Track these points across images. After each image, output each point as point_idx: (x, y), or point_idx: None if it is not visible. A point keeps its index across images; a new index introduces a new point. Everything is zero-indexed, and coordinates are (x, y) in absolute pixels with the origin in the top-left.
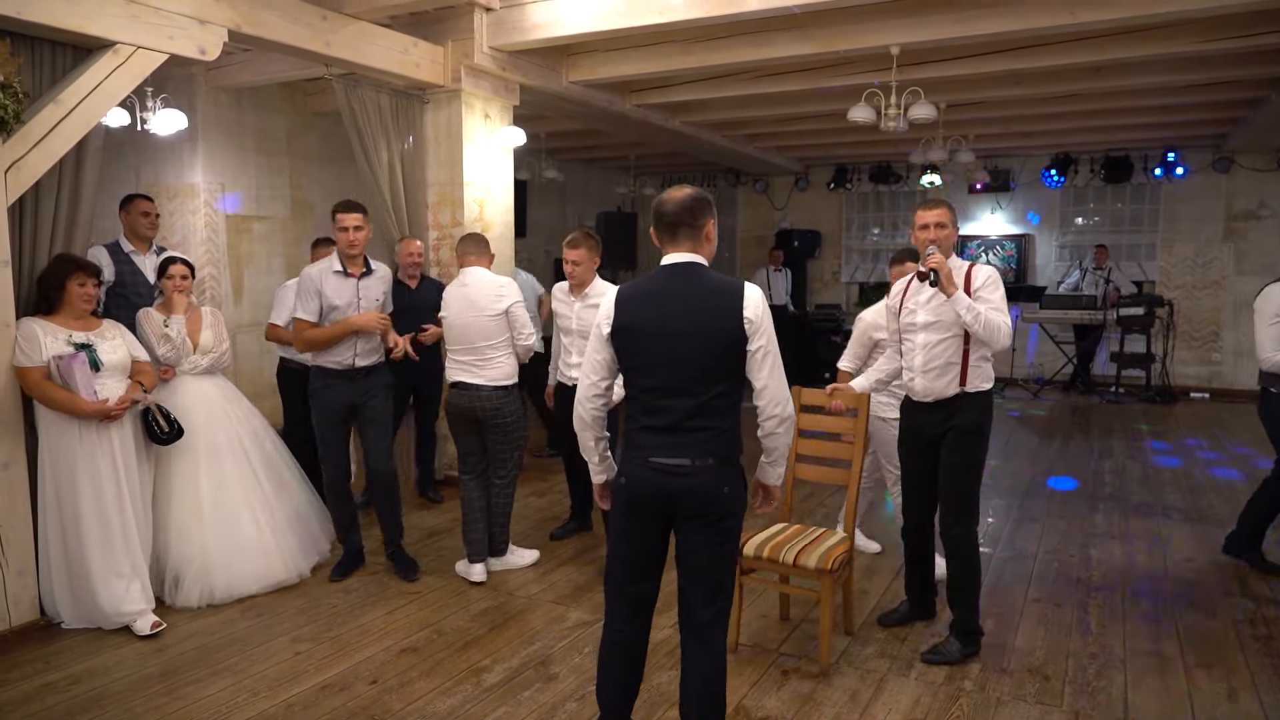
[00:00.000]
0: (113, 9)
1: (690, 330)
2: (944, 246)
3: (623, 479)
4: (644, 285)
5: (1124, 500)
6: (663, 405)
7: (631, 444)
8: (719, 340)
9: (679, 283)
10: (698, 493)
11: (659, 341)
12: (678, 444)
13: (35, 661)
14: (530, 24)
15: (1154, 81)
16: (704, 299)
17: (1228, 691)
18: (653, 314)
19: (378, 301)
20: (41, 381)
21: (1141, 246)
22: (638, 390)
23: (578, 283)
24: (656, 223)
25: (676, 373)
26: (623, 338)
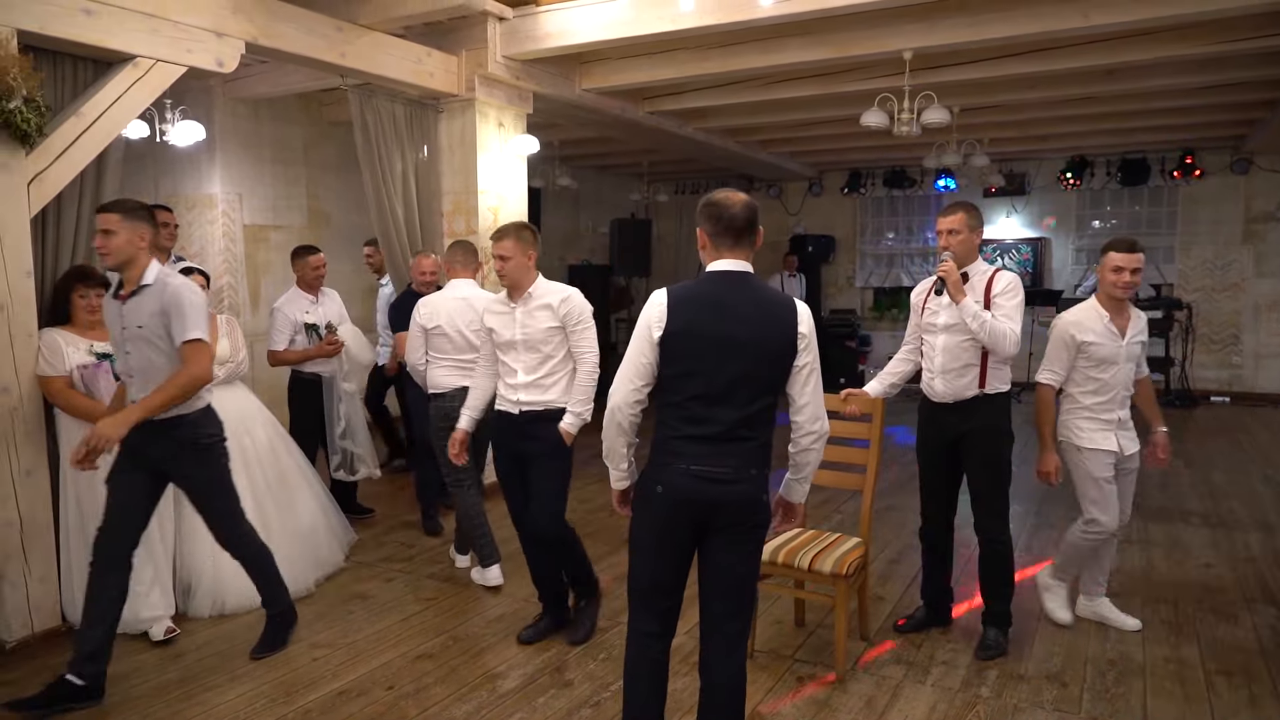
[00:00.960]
0: (133, 23)
1: (747, 340)
2: (959, 252)
3: (659, 487)
4: (699, 289)
5: (1143, 505)
6: (709, 414)
7: (669, 451)
8: (773, 352)
9: (737, 292)
10: (741, 501)
11: (715, 349)
12: (723, 452)
13: (57, 667)
14: (543, 33)
15: (1169, 83)
16: (762, 310)
17: (1249, 698)
18: (710, 320)
19: None
20: (65, 390)
21: (1159, 249)
22: (682, 398)
23: (512, 283)
24: (718, 226)
25: (728, 382)
26: (675, 342)
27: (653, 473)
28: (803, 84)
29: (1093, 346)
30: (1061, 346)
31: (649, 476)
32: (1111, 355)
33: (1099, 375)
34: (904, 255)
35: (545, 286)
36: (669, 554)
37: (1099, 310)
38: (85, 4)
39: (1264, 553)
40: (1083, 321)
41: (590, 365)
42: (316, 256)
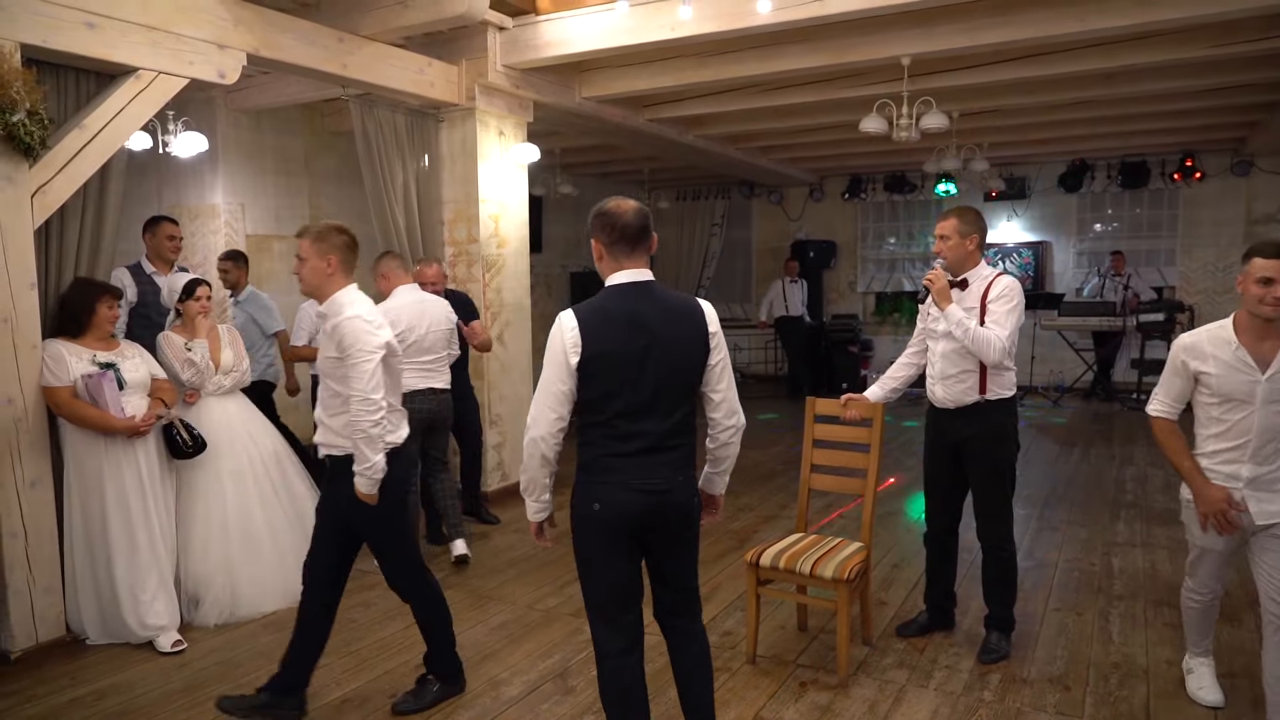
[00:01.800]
0: (135, 36)
1: (663, 350)
2: (950, 257)
3: (596, 505)
4: (607, 305)
5: (1146, 508)
6: (636, 429)
7: (601, 469)
8: (689, 357)
9: (645, 302)
10: (679, 508)
11: (634, 365)
12: (655, 464)
13: (61, 677)
14: (543, 42)
15: (1167, 87)
16: (672, 316)
17: (1252, 701)
18: (625, 337)
19: None
20: (70, 400)
21: (1161, 252)
22: (606, 417)
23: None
24: (614, 234)
25: (650, 394)
26: (593, 365)
27: (587, 492)
28: (802, 90)
29: (1212, 379)
30: (1173, 373)
31: (583, 496)
32: (1241, 392)
33: (1225, 416)
34: (905, 260)
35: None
36: (619, 566)
37: (1229, 334)
38: (88, 17)
39: None
40: (1200, 346)
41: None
42: None
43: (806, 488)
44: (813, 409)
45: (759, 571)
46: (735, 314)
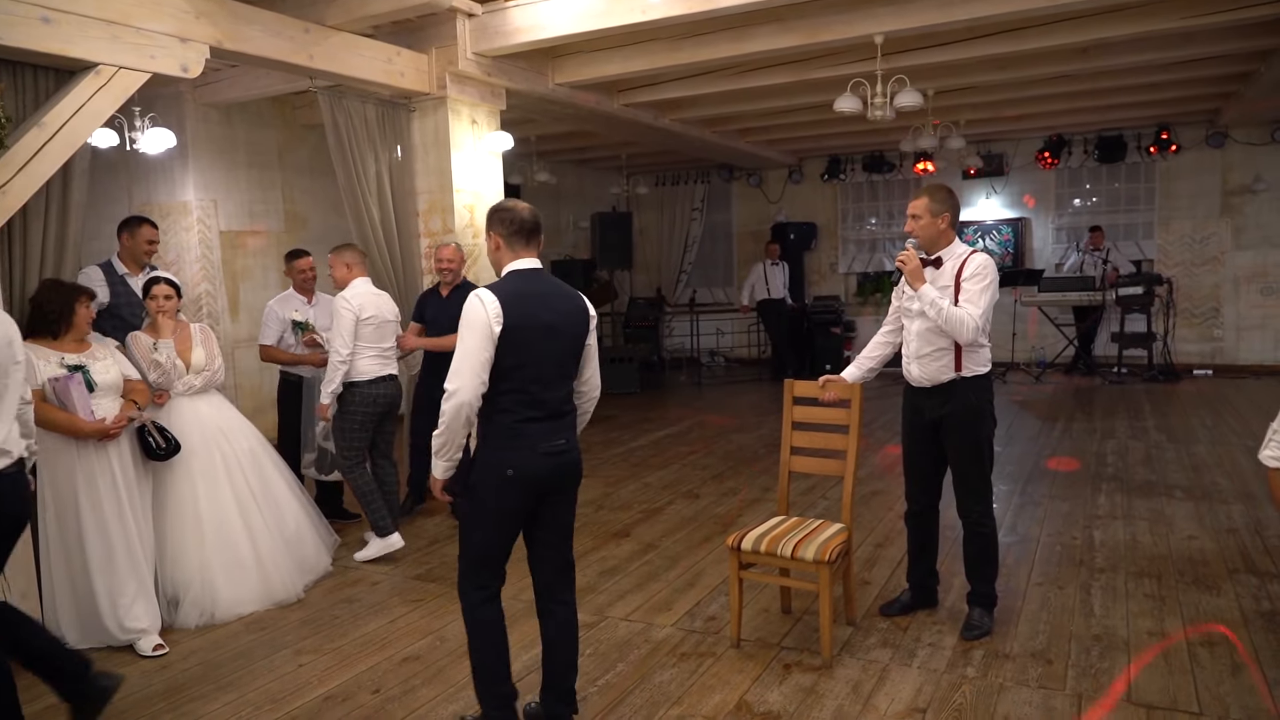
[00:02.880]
0: (93, 30)
1: (564, 326)
2: (923, 236)
3: (510, 470)
4: (519, 286)
5: (1127, 481)
6: (543, 396)
7: (514, 435)
8: (579, 334)
9: (546, 285)
10: (575, 466)
11: (542, 337)
12: (558, 428)
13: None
14: (512, 28)
15: (1141, 60)
16: (566, 299)
17: (1231, 668)
18: (535, 312)
19: None
20: (39, 404)
21: (1139, 225)
22: (519, 384)
23: None
24: (512, 229)
25: (553, 365)
26: (512, 335)
27: (499, 457)
28: (776, 72)
29: None
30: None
31: (496, 460)
32: None
33: None
34: (886, 240)
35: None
36: (516, 523)
37: None
38: (44, 12)
39: (1246, 523)
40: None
41: None
42: (302, 260)
43: (787, 470)
44: (791, 391)
45: (741, 555)
46: (717, 298)
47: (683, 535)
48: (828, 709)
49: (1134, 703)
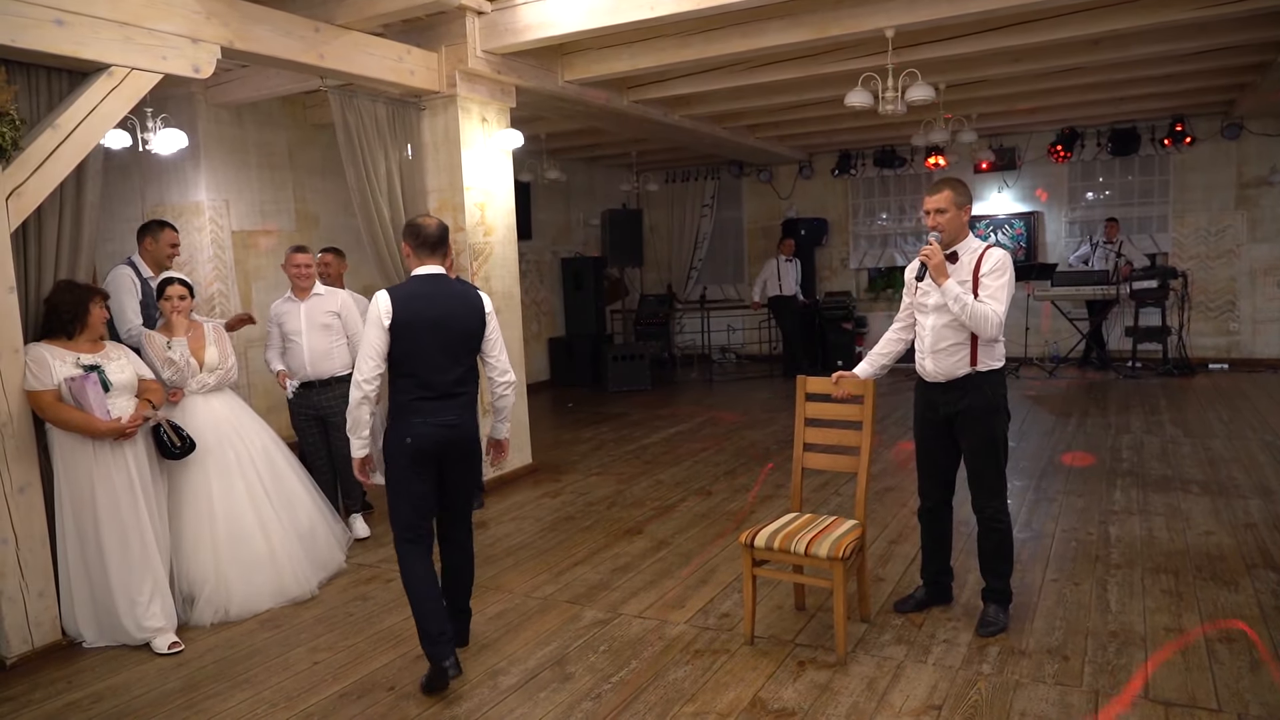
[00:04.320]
0: (105, 32)
1: (451, 321)
2: (946, 231)
3: (408, 439)
4: (412, 288)
5: (1142, 476)
6: (432, 379)
7: (409, 411)
8: (469, 328)
9: (438, 287)
10: (464, 439)
11: (429, 330)
12: (447, 406)
13: (58, 681)
14: (522, 25)
15: (1154, 51)
16: (457, 299)
17: (1250, 664)
18: (423, 309)
19: None
20: (55, 404)
21: (1153, 218)
22: (411, 369)
23: None
24: (419, 241)
25: (441, 353)
26: (401, 328)
27: (399, 430)
28: (786, 67)
29: None
30: None
31: (396, 433)
32: None
33: None
34: (897, 235)
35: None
36: (425, 483)
37: None
38: (57, 14)
39: (1264, 518)
40: None
41: None
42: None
43: (800, 467)
44: (804, 388)
45: (754, 552)
46: (728, 295)
47: (695, 532)
48: (842, 706)
49: (1151, 699)
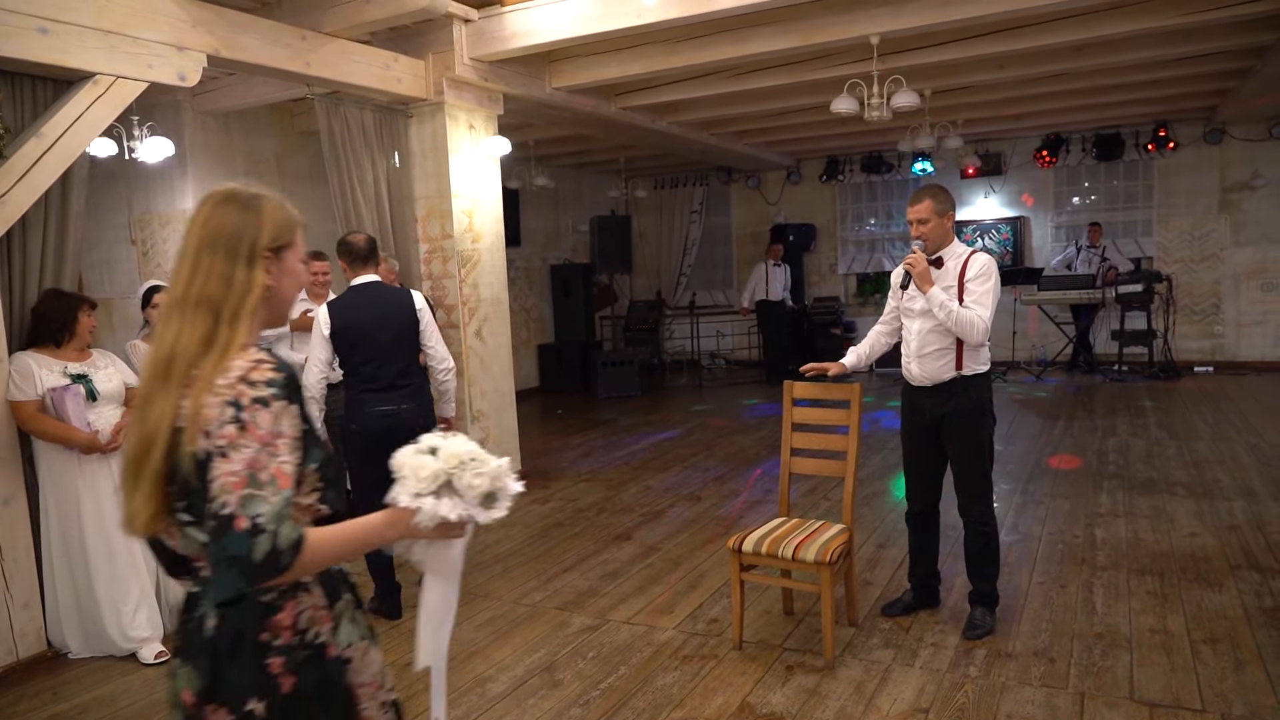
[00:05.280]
0: (90, 41)
1: (386, 322)
2: (930, 239)
3: (354, 426)
4: (348, 298)
5: (1128, 478)
6: (376, 374)
7: (358, 403)
8: (404, 324)
9: (372, 293)
10: (409, 424)
11: (368, 333)
12: (389, 397)
13: (43, 693)
14: (509, 33)
15: (1139, 57)
16: (390, 301)
17: (1234, 664)
18: (359, 315)
19: None
20: (36, 415)
21: (1138, 223)
22: (355, 366)
23: None
24: (350, 255)
25: (383, 351)
26: (340, 335)
27: (350, 417)
28: (772, 73)
29: None
30: None
31: (347, 420)
32: None
33: None
34: (885, 240)
35: None
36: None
37: None
38: (41, 23)
39: (1248, 520)
40: None
41: None
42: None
43: (787, 472)
44: (790, 393)
45: (742, 557)
46: (717, 301)
47: (684, 538)
48: (830, 710)
49: (1137, 700)
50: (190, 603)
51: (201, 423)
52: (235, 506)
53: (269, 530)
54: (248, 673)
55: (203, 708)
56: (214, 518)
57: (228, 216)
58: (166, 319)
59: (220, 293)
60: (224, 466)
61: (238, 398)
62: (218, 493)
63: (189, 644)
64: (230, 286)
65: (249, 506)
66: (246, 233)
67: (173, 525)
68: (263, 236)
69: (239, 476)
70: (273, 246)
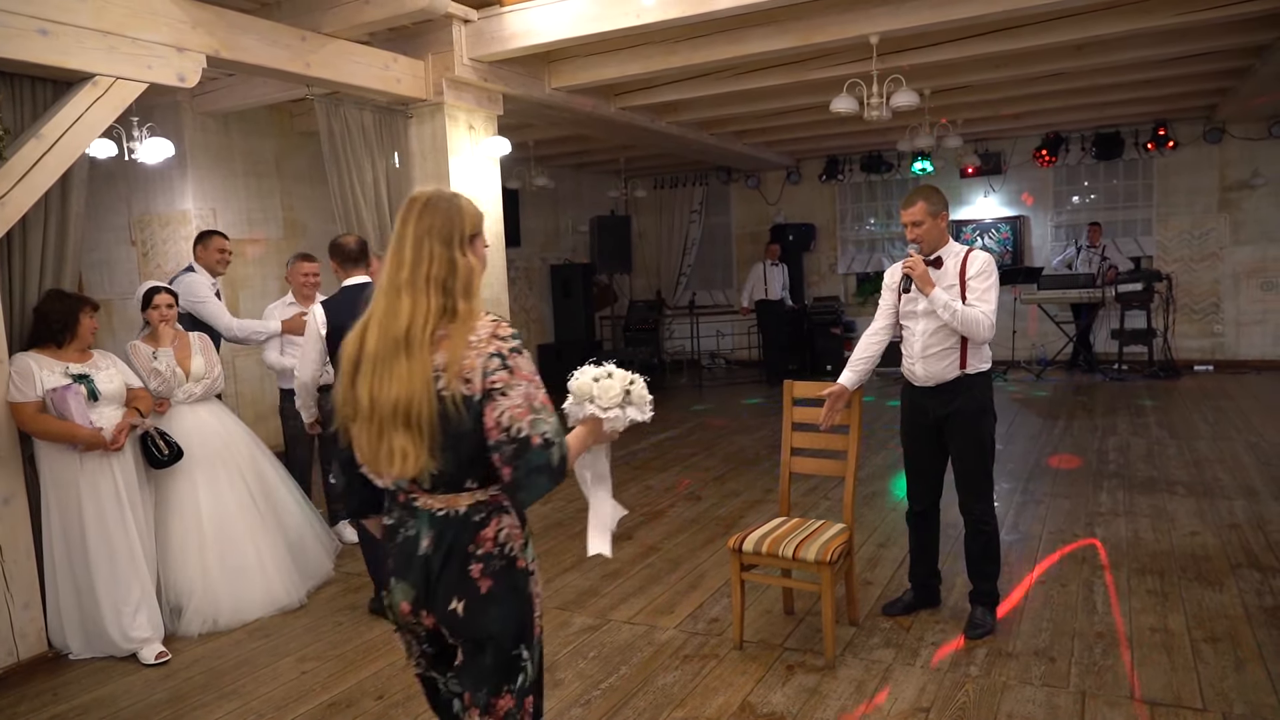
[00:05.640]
0: (90, 41)
1: None
2: (925, 241)
3: None
4: (341, 299)
5: (1128, 477)
6: None
7: None
8: None
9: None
10: None
11: None
12: None
13: (44, 694)
14: (509, 33)
15: (1138, 56)
16: None
17: (1235, 663)
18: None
19: None
20: (36, 415)
21: (1137, 222)
22: None
23: None
24: (341, 257)
25: None
26: (335, 335)
27: None
28: (772, 73)
29: None
30: None
31: None
32: None
33: None
34: (885, 240)
35: None
36: None
37: None
38: (41, 24)
39: (1248, 519)
40: None
41: None
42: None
43: (788, 471)
44: (790, 392)
45: (742, 557)
46: (717, 300)
47: (685, 538)
48: (831, 709)
49: (1138, 699)
50: (392, 532)
51: (462, 371)
52: (528, 429)
53: (556, 441)
54: (453, 578)
55: (417, 614)
56: (512, 441)
57: (438, 212)
58: (393, 297)
59: (447, 273)
60: (506, 402)
61: (499, 350)
62: (509, 422)
63: (404, 563)
64: (455, 268)
65: (537, 427)
66: (455, 224)
67: (431, 459)
68: (466, 227)
69: (522, 407)
70: (471, 235)
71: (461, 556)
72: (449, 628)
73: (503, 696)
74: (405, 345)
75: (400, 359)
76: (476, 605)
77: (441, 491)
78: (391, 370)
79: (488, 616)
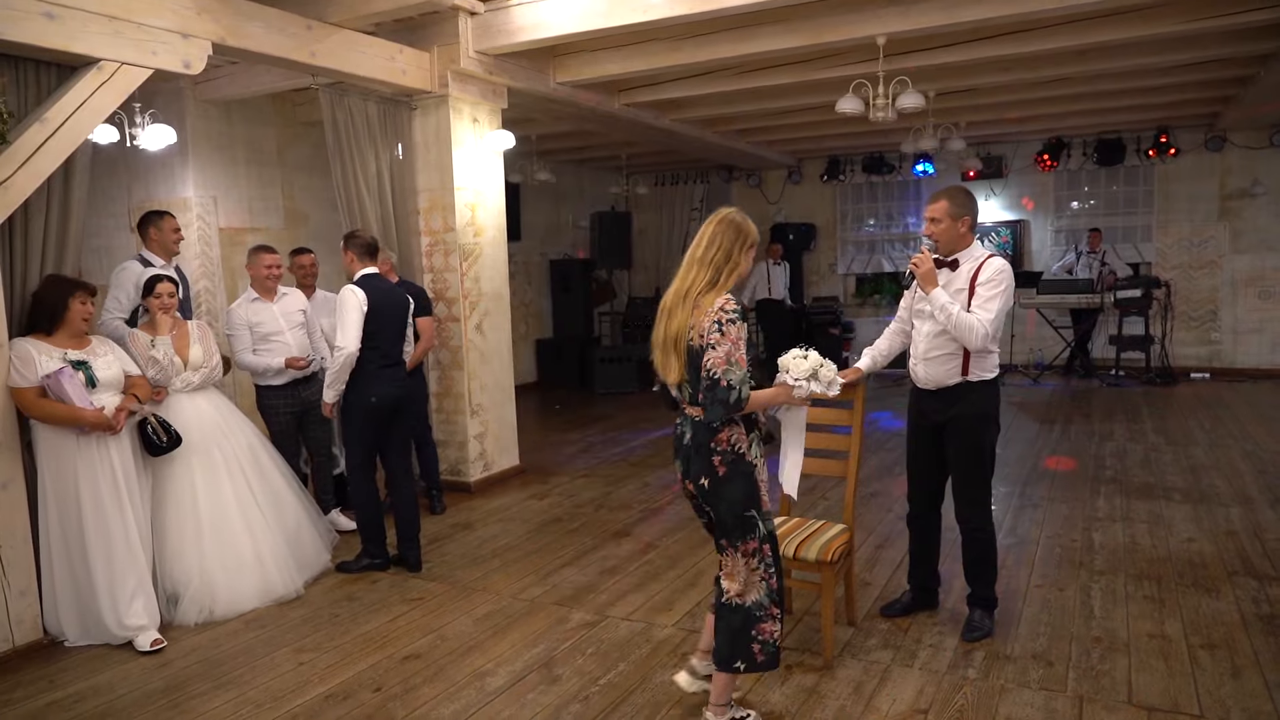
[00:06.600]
0: (95, 26)
1: (396, 309)
2: (941, 240)
3: (373, 398)
4: (371, 283)
5: (1125, 483)
6: (389, 351)
7: (374, 376)
8: (403, 315)
9: (384, 284)
10: (413, 394)
11: (387, 313)
12: (399, 371)
13: (39, 680)
14: (515, 26)
15: (1142, 63)
16: (395, 294)
17: (1232, 670)
18: (380, 299)
19: None
20: (37, 400)
21: (1137, 228)
22: (376, 344)
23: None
24: (360, 249)
25: (394, 330)
26: (372, 312)
27: (366, 389)
28: (777, 72)
29: None
30: None
31: (363, 392)
32: None
33: None
34: (885, 241)
35: None
36: (376, 431)
37: None
38: (47, 8)
39: (1244, 526)
40: None
41: None
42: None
43: None
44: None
45: None
46: None
47: (683, 535)
48: (829, 710)
49: (1135, 705)
50: (676, 426)
51: (699, 329)
52: (720, 374)
53: (736, 388)
54: (703, 463)
55: (684, 483)
56: (708, 379)
57: (733, 223)
58: (688, 268)
59: (723, 262)
60: (713, 354)
61: (719, 319)
62: (710, 367)
63: (678, 448)
64: (729, 260)
65: (726, 374)
66: (741, 232)
67: (684, 380)
68: (747, 237)
69: (721, 359)
70: (748, 244)
71: (706, 450)
72: (701, 496)
73: (747, 542)
74: (683, 300)
75: (679, 309)
76: (716, 481)
77: (695, 405)
78: (674, 315)
79: (724, 489)
